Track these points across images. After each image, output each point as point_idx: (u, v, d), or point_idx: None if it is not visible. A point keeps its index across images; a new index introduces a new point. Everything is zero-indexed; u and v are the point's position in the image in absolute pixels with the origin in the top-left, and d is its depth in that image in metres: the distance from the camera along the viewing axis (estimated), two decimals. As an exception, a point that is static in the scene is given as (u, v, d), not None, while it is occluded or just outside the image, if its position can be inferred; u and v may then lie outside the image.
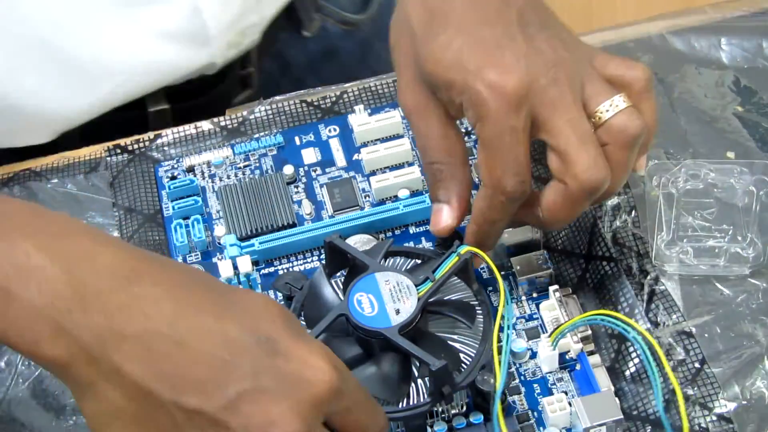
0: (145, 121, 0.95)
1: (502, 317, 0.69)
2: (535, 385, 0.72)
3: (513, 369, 0.73)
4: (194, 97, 0.96)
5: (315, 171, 0.85)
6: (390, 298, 0.70)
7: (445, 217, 0.73)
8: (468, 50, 0.68)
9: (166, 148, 0.88)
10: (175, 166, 0.87)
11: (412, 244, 0.80)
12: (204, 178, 0.86)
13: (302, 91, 0.89)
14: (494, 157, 0.68)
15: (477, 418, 0.70)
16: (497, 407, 0.67)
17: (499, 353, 0.68)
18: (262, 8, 0.96)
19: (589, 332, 0.73)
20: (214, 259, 0.81)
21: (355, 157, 0.85)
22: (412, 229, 0.81)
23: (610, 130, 0.68)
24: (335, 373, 0.57)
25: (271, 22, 0.98)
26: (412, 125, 0.73)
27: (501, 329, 0.69)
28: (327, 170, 0.85)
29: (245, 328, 0.57)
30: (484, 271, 0.77)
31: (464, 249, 0.71)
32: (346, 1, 1.04)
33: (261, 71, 1.00)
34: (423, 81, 0.71)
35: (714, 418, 0.69)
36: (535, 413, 0.71)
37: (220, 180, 0.86)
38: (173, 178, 0.86)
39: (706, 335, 0.73)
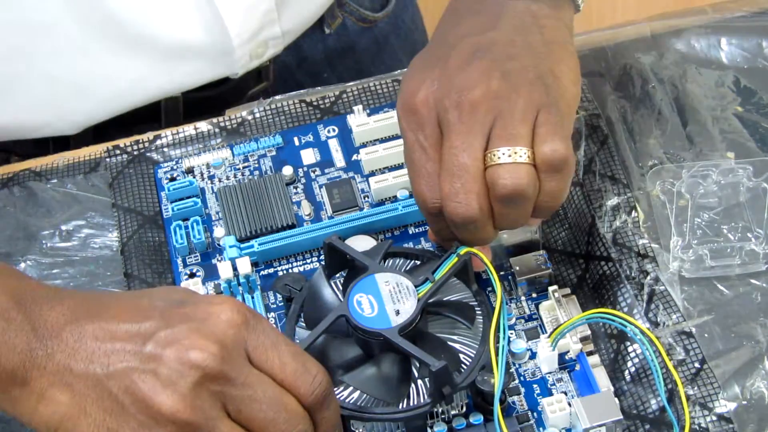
0: (157, 110, 0.95)
1: (499, 318, 0.69)
2: (534, 386, 0.72)
3: (513, 369, 0.73)
4: (208, 88, 0.96)
5: (314, 172, 0.85)
6: (390, 299, 0.70)
7: None
8: (411, 68, 0.74)
9: (165, 150, 0.88)
10: (175, 167, 0.87)
11: (411, 244, 0.80)
12: (203, 180, 0.86)
13: (302, 91, 0.89)
14: (410, 171, 0.71)
15: (477, 418, 0.70)
16: (497, 408, 0.67)
17: (497, 354, 0.68)
18: (285, 21, 0.95)
19: (589, 332, 0.73)
20: (214, 261, 0.81)
21: (354, 157, 0.85)
22: (411, 230, 0.81)
23: (488, 176, 0.68)
24: (243, 308, 0.62)
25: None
26: None
27: (498, 329, 0.69)
28: (326, 171, 0.85)
29: (155, 298, 0.63)
30: (484, 272, 0.77)
31: (463, 250, 0.71)
32: None
33: (277, 63, 1.00)
34: None
35: (714, 418, 0.69)
36: (535, 414, 0.71)
37: (220, 181, 0.85)
38: (172, 179, 0.86)
39: (706, 335, 0.73)
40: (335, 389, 0.69)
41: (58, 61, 0.89)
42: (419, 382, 0.69)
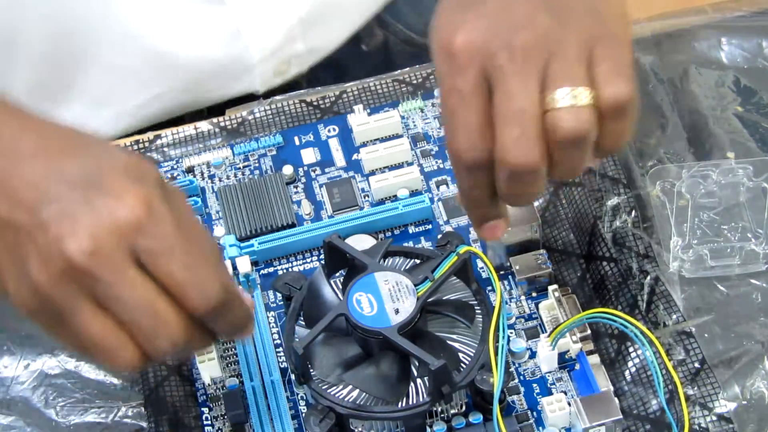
0: (181, 118, 0.95)
1: (499, 317, 0.69)
2: (534, 385, 0.72)
3: (512, 369, 0.73)
4: (237, 101, 0.96)
5: (314, 171, 0.85)
6: (389, 298, 0.70)
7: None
8: (442, 12, 0.66)
9: (165, 149, 0.88)
10: (175, 166, 0.87)
11: (411, 243, 0.80)
12: (203, 179, 0.86)
13: (302, 91, 0.89)
14: (446, 121, 0.65)
15: (476, 417, 0.70)
16: (496, 407, 0.67)
17: (497, 353, 0.68)
18: (309, 39, 0.94)
19: (589, 332, 0.73)
20: (214, 260, 0.81)
21: (355, 157, 0.85)
22: (411, 229, 0.81)
23: (548, 121, 0.62)
24: (144, 212, 0.60)
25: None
26: None
27: (498, 329, 0.69)
28: (326, 170, 0.85)
29: (82, 166, 0.61)
30: (483, 271, 0.77)
31: (463, 249, 0.71)
32: (415, 18, 1.02)
33: (313, 79, 0.98)
34: None
35: (714, 418, 0.69)
36: (534, 413, 0.71)
37: (220, 180, 0.86)
38: (173, 178, 0.86)
39: (706, 335, 0.73)
40: (334, 388, 0.69)
41: (78, 76, 0.90)
42: (418, 380, 0.69)
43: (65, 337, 0.62)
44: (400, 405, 0.69)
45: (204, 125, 0.89)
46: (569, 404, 0.70)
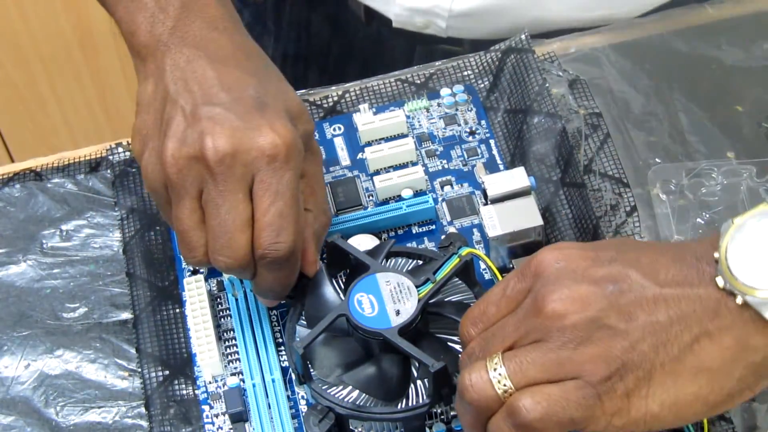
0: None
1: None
2: (535, 386, 0.72)
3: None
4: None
5: (318, 170, 0.85)
6: (390, 299, 0.70)
7: None
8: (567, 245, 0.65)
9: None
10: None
11: (414, 244, 0.80)
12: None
13: (303, 91, 0.89)
14: (470, 310, 0.66)
15: (477, 418, 0.70)
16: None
17: None
18: (452, 21, 0.93)
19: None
20: (215, 259, 0.81)
21: (359, 156, 0.85)
22: (414, 229, 0.81)
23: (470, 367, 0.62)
24: (283, 151, 0.68)
25: None
26: None
27: None
28: (331, 169, 0.85)
29: (258, 90, 0.70)
30: (486, 272, 0.77)
31: (465, 251, 0.71)
32: None
33: None
34: None
35: (714, 417, 0.69)
36: (535, 414, 0.71)
37: (222, 179, 0.85)
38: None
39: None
40: (334, 388, 0.69)
41: None
42: (418, 382, 0.69)
43: (167, 218, 0.71)
44: (399, 406, 0.69)
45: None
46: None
